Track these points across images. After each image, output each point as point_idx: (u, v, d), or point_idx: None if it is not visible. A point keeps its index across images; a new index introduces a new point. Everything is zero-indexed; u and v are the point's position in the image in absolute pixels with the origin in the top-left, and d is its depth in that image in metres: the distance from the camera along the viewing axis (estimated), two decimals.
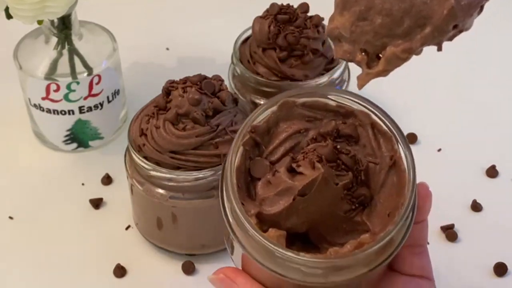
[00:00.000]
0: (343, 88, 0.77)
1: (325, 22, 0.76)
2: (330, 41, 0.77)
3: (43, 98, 0.77)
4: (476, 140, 0.81)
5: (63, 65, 0.76)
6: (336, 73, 0.75)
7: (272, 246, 0.42)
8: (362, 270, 0.43)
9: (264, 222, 0.44)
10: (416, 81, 0.89)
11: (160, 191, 0.66)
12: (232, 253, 0.49)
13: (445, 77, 0.92)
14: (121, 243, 0.72)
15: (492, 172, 0.78)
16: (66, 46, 0.76)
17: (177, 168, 0.65)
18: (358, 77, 0.44)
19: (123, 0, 1.04)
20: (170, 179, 0.65)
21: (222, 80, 0.68)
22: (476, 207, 0.74)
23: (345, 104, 0.47)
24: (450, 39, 0.42)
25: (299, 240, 0.46)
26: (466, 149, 0.81)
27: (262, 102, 0.75)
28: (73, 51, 0.76)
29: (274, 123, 0.47)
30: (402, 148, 0.45)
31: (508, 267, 0.69)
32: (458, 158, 0.80)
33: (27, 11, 0.67)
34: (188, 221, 0.68)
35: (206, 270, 0.69)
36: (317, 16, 0.75)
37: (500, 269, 0.68)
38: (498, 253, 0.70)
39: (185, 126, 0.64)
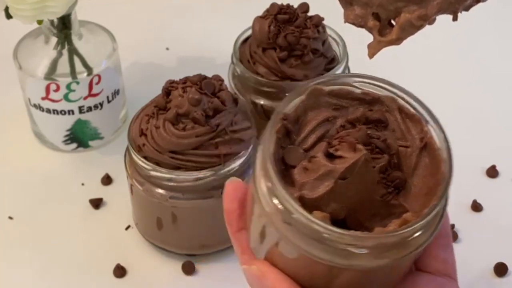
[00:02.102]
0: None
1: (325, 22, 0.76)
2: (330, 40, 0.77)
3: (43, 98, 0.77)
4: (476, 140, 0.81)
5: (63, 65, 0.76)
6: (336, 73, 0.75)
7: (321, 224, 0.41)
8: (407, 250, 0.42)
9: (305, 208, 0.42)
10: (416, 80, 0.89)
11: (160, 191, 0.66)
12: (260, 246, 0.47)
13: (445, 76, 0.92)
14: (121, 243, 0.72)
15: (492, 172, 0.78)
16: (66, 46, 0.76)
17: (177, 168, 0.65)
18: (369, 45, 0.43)
19: (123, 0, 1.04)
20: (170, 179, 0.65)
21: (222, 80, 0.68)
22: (476, 207, 0.74)
23: (370, 91, 0.47)
24: (467, 8, 0.41)
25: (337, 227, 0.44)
26: (466, 149, 0.80)
27: (262, 102, 0.75)
28: (73, 51, 0.76)
29: (302, 112, 0.46)
30: (432, 127, 0.45)
31: (508, 267, 0.69)
32: (458, 158, 0.79)
33: (27, 11, 0.67)
34: (188, 221, 0.68)
35: (206, 270, 0.69)
36: (317, 16, 0.75)
37: (500, 269, 0.68)
38: (498, 253, 0.70)
39: (185, 126, 0.64)
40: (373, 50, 0.43)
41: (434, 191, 0.43)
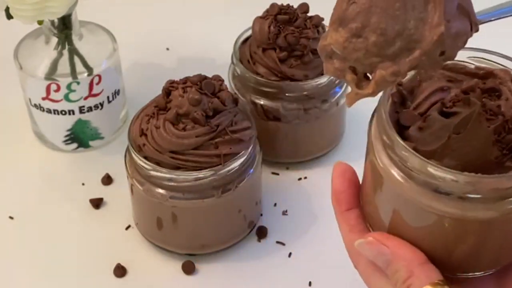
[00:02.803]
0: (343, 87, 0.77)
1: (325, 22, 0.76)
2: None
3: (43, 98, 0.77)
4: None
5: (63, 65, 0.76)
6: None
7: (434, 164, 0.43)
8: None
9: None
10: None
11: (160, 191, 0.66)
12: (380, 221, 0.48)
13: None
14: (121, 243, 0.72)
15: None
16: (67, 46, 0.76)
17: (177, 168, 0.65)
18: (347, 96, 0.45)
19: (123, 0, 1.05)
20: (170, 179, 0.65)
21: (222, 80, 0.68)
22: None
23: (484, 66, 0.49)
24: (438, 67, 0.44)
25: None
26: None
27: (262, 102, 0.75)
28: (73, 51, 0.76)
29: (417, 82, 0.48)
30: None
31: None
32: None
33: (27, 11, 0.67)
34: (188, 221, 0.68)
35: (206, 270, 0.69)
36: (317, 16, 0.75)
37: None
38: None
39: (185, 126, 0.64)
40: (351, 101, 0.45)
41: None
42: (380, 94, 0.45)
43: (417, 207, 0.45)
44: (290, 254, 0.71)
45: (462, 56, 0.48)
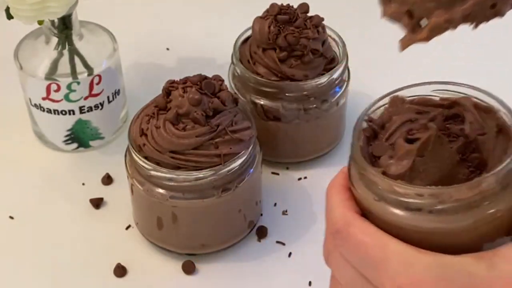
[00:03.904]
0: (343, 87, 0.77)
1: (325, 23, 0.76)
2: (329, 41, 0.77)
3: (43, 98, 0.77)
4: None
5: (64, 65, 0.76)
6: (336, 73, 0.75)
7: (409, 185, 0.46)
8: (485, 210, 0.46)
9: None
10: (416, 80, 0.89)
11: (160, 191, 0.66)
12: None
13: (445, 76, 0.92)
14: (122, 242, 0.72)
15: None
16: (67, 46, 0.76)
17: (177, 168, 0.65)
18: (401, 40, 0.48)
19: (123, 0, 1.05)
20: (170, 179, 0.65)
21: (222, 80, 0.68)
22: None
23: (447, 97, 0.53)
24: (487, 19, 0.47)
25: None
26: None
27: (262, 102, 0.75)
28: (73, 51, 0.76)
29: (387, 118, 0.52)
30: (503, 113, 0.51)
31: None
32: None
33: (27, 11, 0.67)
34: (188, 221, 0.68)
35: (206, 270, 0.70)
36: (317, 16, 0.75)
37: None
38: None
39: (185, 126, 0.64)
40: (404, 45, 0.48)
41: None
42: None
43: (396, 226, 0.47)
44: (290, 254, 0.71)
45: (427, 90, 0.53)
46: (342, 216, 0.50)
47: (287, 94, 0.74)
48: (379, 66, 0.90)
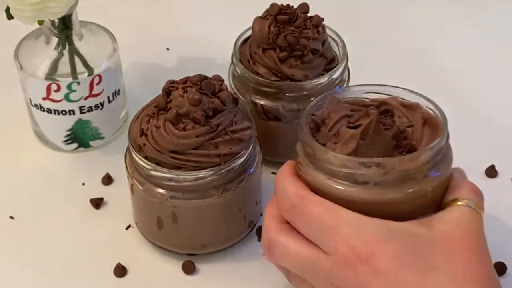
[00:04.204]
0: (343, 87, 0.77)
1: (325, 23, 0.76)
2: (329, 41, 0.77)
3: (43, 98, 0.77)
4: (475, 140, 0.81)
5: (64, 65, 0.77)
6: (336, 73, 0.75)
7: (360, 158, 0.54)
8: (417, 185, 0.55)
9: None
10: (415, 80, 0.89)
11: (161, 191, 0.66)
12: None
13: (444, 76, 0.92)
14: (122, 242, 0.72)
15: (491, 172, 0.78)
16: (67, 47, 0.76)
17: (177, 168, 0.65)
18: None
19: (123, 0, 1.05)
20: (170, 179, 0.65)
21: (222, 80, 0.68)
22: None
23: (377, 98, 0.61)
24: None
25: None
26: (465, 149, 0.81)
27: (262, 102, 0.75)
28: (73, 51, 0.77)
29: (327, 115, 0.60)
30: (429, 107, 0.60)
31: (508, 267, 0.69)
32: (457, 158, 0.80)
33: (27, 11, 0.67)
34: (188, 221, 0.68)
35: (206, 270, 0.70)
36: (317, 16, 0.75)
37: (499, 269, 0.69)
38: (497, 253, 0.70)
39: (185, 126, 0.64)
40: None
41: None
42: None
43: (345, 200, 0.54)
44: None
45: (359, 93, 0.62)
46: (296, 193, 0.56)
47: (287, 94, 0.74)
48: (379, 66, 0.90)
